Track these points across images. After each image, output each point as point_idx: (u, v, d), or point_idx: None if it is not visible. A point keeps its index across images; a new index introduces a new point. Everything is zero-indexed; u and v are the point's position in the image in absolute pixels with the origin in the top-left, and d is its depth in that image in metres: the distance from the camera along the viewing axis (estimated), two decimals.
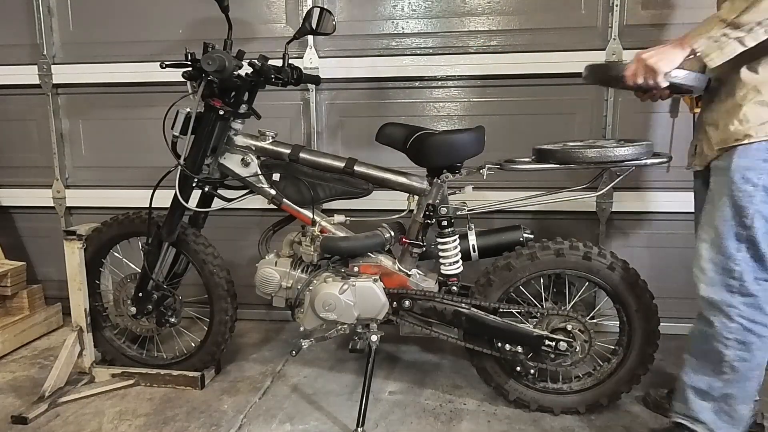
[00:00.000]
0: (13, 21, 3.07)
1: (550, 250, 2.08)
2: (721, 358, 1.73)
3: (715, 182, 1.73)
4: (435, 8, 2.81)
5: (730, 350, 1.71)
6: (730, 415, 1.77)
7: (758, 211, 1.62)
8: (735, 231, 1.67)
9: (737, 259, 1.67)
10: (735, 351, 1.71)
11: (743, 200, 1.64)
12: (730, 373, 1.73)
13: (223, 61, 2.01)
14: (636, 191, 2.74)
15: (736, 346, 1.71)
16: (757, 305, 1.68)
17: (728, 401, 1.76)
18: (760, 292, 1.68)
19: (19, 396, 2.40)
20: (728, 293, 1.70)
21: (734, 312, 1.70)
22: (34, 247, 3.32)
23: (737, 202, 1.65)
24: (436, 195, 2.16)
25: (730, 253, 1.68)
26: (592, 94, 2.75)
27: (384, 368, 2.59)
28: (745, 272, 1.67)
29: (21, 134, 3.20)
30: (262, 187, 2.26)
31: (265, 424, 2.18)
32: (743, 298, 1.69)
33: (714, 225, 1.71)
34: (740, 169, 1.64)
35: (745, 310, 1.69)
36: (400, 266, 2.22)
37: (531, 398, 2.21)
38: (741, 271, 1.68)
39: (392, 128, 2.22)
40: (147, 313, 2.42)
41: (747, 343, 1.70)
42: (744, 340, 1.70)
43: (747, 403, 1.77)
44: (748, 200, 1.63)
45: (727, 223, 1.68)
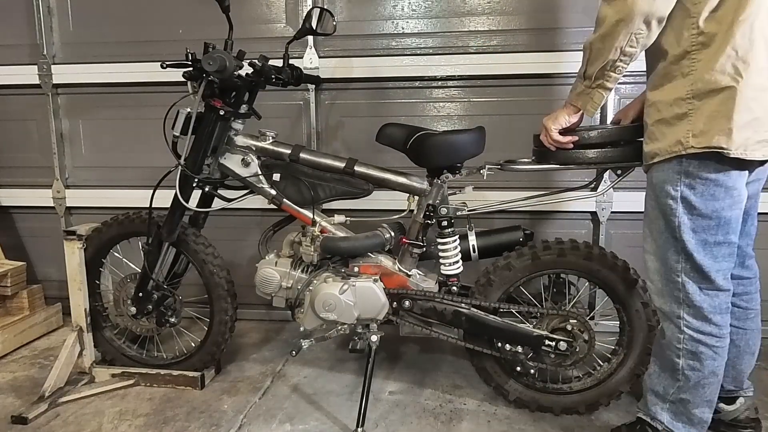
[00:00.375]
0: (13, 21, 3.07)
1: (551, 250, 2.08)
2: (675, 366, 1.75)
3: (647, 195, 1.75)
4: (435, 8, 2.81)
5: (681, 359, 1.73)
6: (689, 418, 1.79)
7: (682, 222, 1.62)
8: (671, 243, 1.67)
9: (677, 270, 1.67)
10: (686, 360, 1.72)
11: (669, 214, 1.64)
12: (683, 381, 1.74)
13: (223, 61, 2.01)
14: (636, 191, 2.73)
15: (687, 356, 1.71)
16: (703, 316, 1.68)
17: (684, 405, 1.78)
18: (705, 303, 1.67)
19: (19, 396, 2.40)
20: (676, 304, 1.70)
21: (682, 323, 1.70)
22: (34, 247, 3.32)
23: (665, 215, 1.66)
24: (436, 195, 2.16)
25: (671, 265, 1.69)
26: None
27: (384, 368, 2.59)
28: (687, 283, 1.67)
29: (21, 134, 3.20)
30: (263, 187, 2.26)
31: (265, 424, 2.18)
32: (689, 309, 1.69)
33: (654, 237, 1.73)
34: (659, 183, 1.65)
35: (692, 321, 1.69)
36: (400, 266, 2.22)
37: (531, 398, 2.21)
38: (683, 282, 1.67)
39: (392, 128, 2.22)
40: (147, 313, 2.42)
41: (697, 353, 1.70)
42: (694, 351, 1.70)
43: (704, 407, 1.77)
44: (672, 213, 1.63)
45: (663, 235, 1.69)
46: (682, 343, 1.71)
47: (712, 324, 1.68)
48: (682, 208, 1.61)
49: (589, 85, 1.68)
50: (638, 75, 2.48)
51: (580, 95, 1.72)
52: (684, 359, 1.72)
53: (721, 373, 1.74)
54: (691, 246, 1.63)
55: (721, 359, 1.72)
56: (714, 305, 1.68)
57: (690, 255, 1.64)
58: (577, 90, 1.72)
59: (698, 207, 1.60)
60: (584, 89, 1.69)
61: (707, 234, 1.61)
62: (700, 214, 1.60)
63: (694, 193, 1.59)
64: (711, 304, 1.67)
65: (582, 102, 1.72)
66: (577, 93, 1.72)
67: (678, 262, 1.67)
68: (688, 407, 1.77)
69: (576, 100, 1.73)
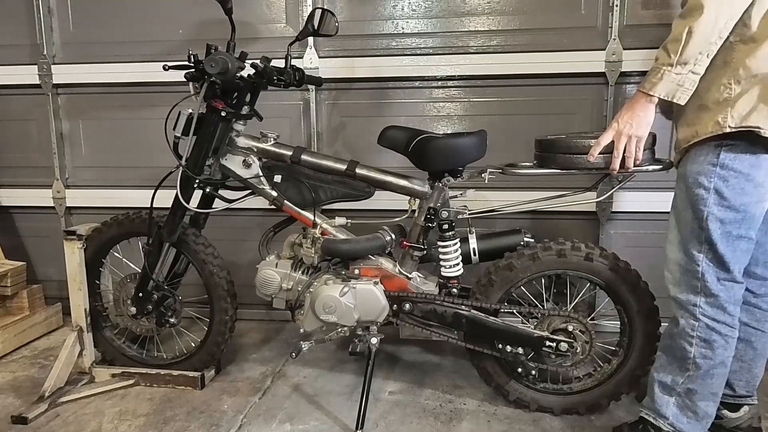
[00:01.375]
0: (13, 21, 3.06)
1: (551, 251, 2.08)
2: (686, 355, 1.79)
3: (676, 187, 1.80)
4: (435, 8, 2.81)
5: (694, 347, 1.77)
6: (694, 411, 1.81)
7: (711, 213, 1.67)
8: (695, 233, 1.72)
9: (699, 260, 1.73)
10: (698, 348, 1.76)
11: (699, 204, 1.69)
12: (693, 370, 1.79)
13: (226, 63, 2.01)
14: (636, 191, 2.74)
15: (699, 344, 1.76)
16: (719, 305, 1.73)
17: (691, 397, 1.81)
18: (723, 293, 1.73)
19: (19, 396, 2.41)
20: (692, 293, 1.76)
21: (698, 311, 1.75)
22: (34, 247, 3.31)
23: (694, 206, 1.71)
24: (438, 198, 2.16)
25: (692, 254, 1.74)
26: (592, 94, 2.75)
27: (384, 368, 2.59)
28: (706, 273, 1.73)
29: (21, 134, 3.20)
30: (264, 188, 2.26)
31: (265, 424, 2.18)
32: (706, 298, 1.74)
33: (679, 228, 1.78)
34: (692, 174, 1.70)
35: (708, 309, 1.74)
36: (400, 269, 2.22)
37: (531, 398, 2.21)
38: (702, 271, 1.73)
39: (394, 131, 2.22)
40: (147, 313, 2.42)
41: (710, 341, 1.75)
42: (707, 338, 1.75)
43: (710, 400, 1.81)
44: (702, 203, 1.68)
45: (688, 226, 1.74)
46: (696, 330, 1.76)
47: (727, 313, 1.74)
48: (713, 199, 1.67)
49: (680, 72, 1.64)
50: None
51: (667, 84, 1.66)
52: (696, 347, 1.76)
53: (728, 365, 1.78)
54: (716, 236, 1.68)
55: (731, 350, 1.77)
56: (729, 295, 1.73)
57: (713, 245, 1.69)
58: (663, 80, 1.66)
59: (729, 199, 1.66)
60: (676, 75, 1.64)
61: (732, 227, 1.68)
62: (730, 206, 1.66)
63: (726, 186, 1.65)
64: (727, 294, 1.73)
65: (669, 90, 1.66)
66: (663, 83, 1.66)
67: (700, 252, 1.72)
68: (694, 399, 1.81)
69: (662, 89, 1.67)
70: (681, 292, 1.78)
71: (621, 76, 2.68)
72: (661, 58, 1.66)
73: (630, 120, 1.76)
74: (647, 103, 1.72)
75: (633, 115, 1.75)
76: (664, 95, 1.67)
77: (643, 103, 1.73)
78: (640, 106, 1.73)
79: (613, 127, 1.80)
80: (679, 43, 1.61)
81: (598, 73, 2.70)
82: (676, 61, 1.63)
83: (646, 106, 1.73)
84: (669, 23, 2.09)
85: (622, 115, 1.78)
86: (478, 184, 2.23)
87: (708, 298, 1.74)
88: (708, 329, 1.74)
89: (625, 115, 1.77)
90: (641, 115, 1.74)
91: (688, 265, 1.76)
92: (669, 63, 1.64)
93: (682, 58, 1.61)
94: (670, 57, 1.63)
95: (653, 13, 2.63)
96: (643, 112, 1.74)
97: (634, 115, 1.75)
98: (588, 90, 2.75)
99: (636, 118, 1.75)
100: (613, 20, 2.64)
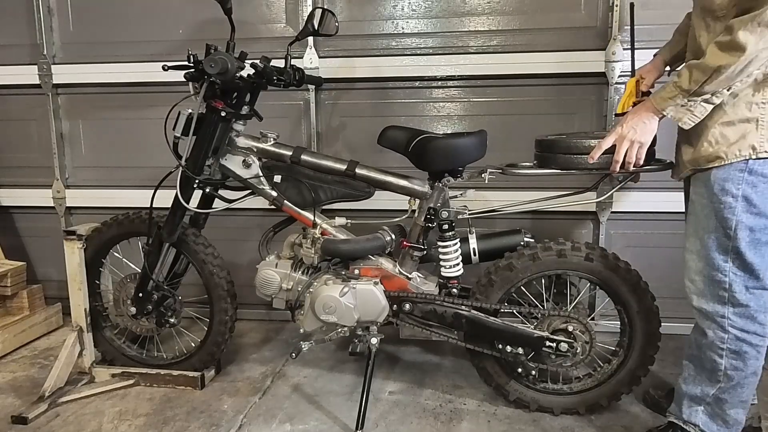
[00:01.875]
0: (13, 21, 3.06)
1: (551, 251, 2.08)
2: (716, 367, 1.75)
3: (696, 193, 1.74)
4: (435, 8, 2.81)
5: (724, 359, 1.73)
6: (724, 420, 1.80)
7: (740, 221, 1.63)
8: (720, 242, 1.67)
9: (725, 270, 1.68)
10: (729, 360, 1.73)
11: (725, 212, 1.64)
12: (724, 381, 1.76)
13: (225, 63, 2.01)
14: (636, 191, 2.74)
15: (730, 356, 1.72)
16: (749, 315, 1.69)
17: (721, 406, 1.79)
18: (752, 302, 1.68)
19: (19, 396, 2.41)
20: (719, 304, 1.71)
21: (727, 323, 1.71)
22: (34, 247, 3.32)
23: (719, 213, 1.66)
24: (438, 198, 2.16)
25: (717, 264, 1.69)
26: (593, 94, 2.75)
27: (384, 368, 2.59)
28: (734, 283, 1.68)
29: (21, 134, 3.20)
30: (264, 188, 2.26)
31: (265, 424, 2.18)
32: (735, 308, 1.70)
33: (699, 236, 1.73)
34: (719, 181, 1.65)
35: (737, 320, 1.70)
36: (400, 269, 2.22)
37: (531, 398, 2.21)
38: (730, 281, 1.68)
39: (394, 131, 2.22)
40: (147, 314, 2.42)
41: (740, 353, 1.71)
42: (737, 350, 1.71)
43: (740, 407, 1.79)
44: (730, 211, 1.63)
45: (712, 235, 1.69)
46: (726, 342, 1.72)
47: (757, 323, 1.70)
48: (742, 206, 1.62)
49: (694, 100, 1.61)
50: None
51: (678, 108, 1.64)
52: (727, 359, 1.73)
53: (759, 373, 1.75)
54: (744, 245, 1.64)
55: (762, 359, 1.73)
56: (759, 304, 1.69)
57: (741, 253, 1.65)
58: (675, 101, 1.63)
59: (758, 205, 1.62)
60: (687, 102, 1.62)
61: (761, 233, 1.63)
62: (759, 212, 1.62)
63: (755, 192, 1.61)
64: (757, 302, 1.68)
65: (676, 113, 1.65)
66: (675, 105, 1.64)
67: (726, 261, 1.67)
68: (724, 408, 1.79)
69: (670, 109, 1.66)
70: (706, 303, 1.73)
71: (621, 76, 2.67)
72: (682, 79, 1.61)
73: (634, 126, 1.74)
74: (654, 115, 1.71)
75: (638, 121, 1.74)
76: (672, 116, 1.66)
77: (650, 114, 1.72)
78: (646, 114, 1.72)
79: (617, 131, 1.78)
80: (705, 75, 1.55)
81: (598, 73, 2.70)
82: (693, 91, 1.59)
83: (652, 117, 1.72)
84: (669, 23, 2.11)
85: (627, 120, 1.76)
86: (478, 184, 2.23)
87: (736, 308, 1.69)
88: (738, 341, 1.70)
89: (631, 120, 1.75)
90: (646, 123, 1.73)
91: (713, 276, 1.70)
92: (686, 90, 1.60)
93: (701, 90, 1.58)
94: (689, 84, 1.59)
95: (653, 13, 2.63)
96: (648, 120, 1.73)
97: (639, 122, 1.74)
98: (588, 90, 2.75)
99: (641, 125, 1.74)
100: (613, 20, 2.64)
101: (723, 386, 1.76)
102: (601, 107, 2.75)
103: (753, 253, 1.64)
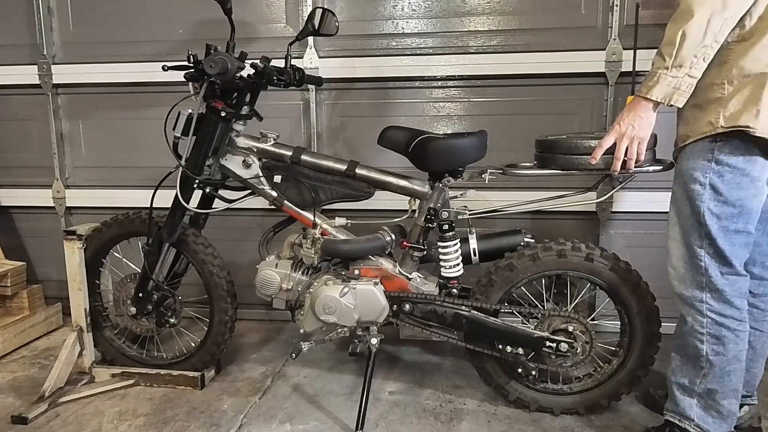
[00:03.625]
0: (13, 21, 3.06)
1: (552, 251, 2.08)
2: (698, 353, 1.79)
3: (675, 182, 1.81)
4: (435, 8, 2.80)
5: (705, 345, 1.77)
6: (718, 410, 1.81)
7: (708, 208, 1.69)
8: (695, 228, 1.73)
9: (701, 255, 1.73)
10: (710, 345, 1.76)
11: (696, 199, 1.70)
12: (707, 368, 1.78)
13: (225, 63, 2.01)
14: (636, 191, 2.74)
15: (710, 341, 1.76)
16: (726, 299, 1.73)
17: (712, 396, 1.80)
18: (727, 287, 1.73)
19: (19, 396, 2.41)
20: (698, 289, 1.76)
21: (705, 307, 1.75)
22: (34, 247, 3.32)
23: (691, 201, 1.72)
24: (438, 199, 2.16)
25: (694, 249, 1.74)
26: (593, 94, 2.75)
27: (384, 368, 2.59)
28: (709, 267, 1.73)
29: (21, 134, 3.20)
30: (264, 188, 2.26)
31: (265, 424, 2.18)
32: (711, 293, 1.74)
33: (680, 224, 1.78)
34: (688, 170, 1.72)
35: (714, 304, 1.74)
36: (400, 269, 2.22)
37: (531, 399, 2.21)
38: (705, 266, 1.73)
39: (394, 132, 2.21)
40: (147, 314, 2.42)
41: (720, 337, 1.75)
42: (717, 334, 1.75)
43: (731, 397, 1.80)
44: (699, 198, 1.69)
45: (688, 221, 1.75)
46: (705, 327, 1.76)
47: (734, 307, 1.74)
48: (708, 195, 1.68)
49: (676, 75, 1.64)
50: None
51: (664, 88, 1.66)
52: (708, 344, 1.76)
53: (743, 358, 1.78)
54: (714, 231, 1.69)
55: (743, 344, 1.76)
56: (734, 289, 1.73)
57: (713, 240, 1.70)
58: (659, 83, 1.66)
59: (724, 194, 1.67)
60: (672, 79, 1.65)
61: (729, 221, 1.68)
62: (725, 201, 1.67)
63: (722, 181, 1.66)
64: (732, 288, 1.73)
65: (666, 94, 1.67)
66: (659, 86, 1.67)
67: (701, 247, 1.73)
68: (716, 398, 1.80)
69: (659, 92, 1.67)
70: (686, 289, 1.78)
71: (621, 76, 2.67)
72: (657, 62, 1.67)
73: (632, 122, 1.75)
74: (648, 106, 1.72)
75: (635, 116, 1.75)
76: (661, 98, 1.68)
77: (643, 106, 1.73)
78: (641, 108, 1.73)
79: (615, 129, 1.79)
80: (673, 46, 1.62)
81: (598, 73, 2.70)
82: (671, 65, 1.64)
83: (647, 108, 1.73)
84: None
85: (624, 117, 1.78)
86: (479, 185, 2.23)
87: (713, 294, 1.74)
88: (716, 325, 1.74)
89: (627, 117, 1.77)
90: (643, 116, 1.74)
91: (691, 261, 1.76)
92: (665, 66, 1.65)
93: (677, 61, 1.62)
94: (665, 60, 1.64)
95: (653, 13, 2.63)
96: (644, 113, 1.73)
97: (635, 117, 1.75)
98: (588, 90, 2.75)
99: (638, 120, 1.74)
100: (613, 20, 2.64)
101: (707, 372, 1.78)
102: (601, 107, 2.75)
103: (723, 240, 1.70)
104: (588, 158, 1.88)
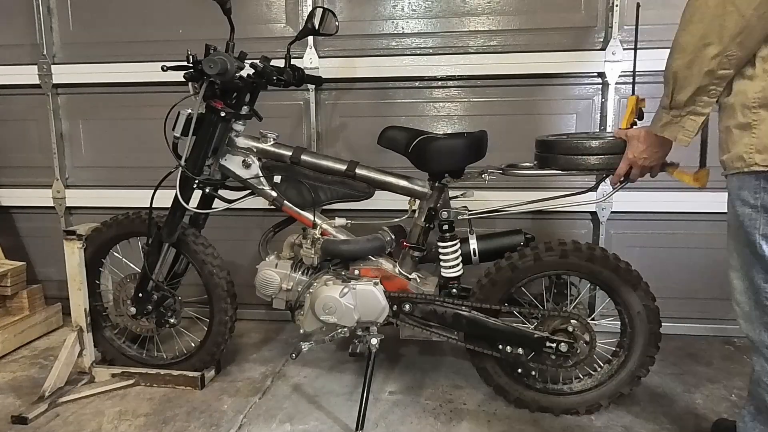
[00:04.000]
0: (13, 21, 3.07)
1: (552, 251, 2.08)
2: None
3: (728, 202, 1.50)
4: (435, 8, 2.80)
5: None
6: None
7: (764, 235, 1.36)
8: (756, 258, 1.40)
9: (766, 290, 1.40)
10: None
11: (747, 226, 1.39)
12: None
13: (224, 63, 2.01)
14: (636, 191, 2.74)
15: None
16: None
17: None
18: None
19: (19, 396, 2.40)
20: (766, 332, 1.43)
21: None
22: (34, 247, 3.32)
23: (744, 227, 1.41)
24: (438, 199, 2.16)
25: (757, 284, 1.41)
26: (593, 94, 2.75)
27: (384, 368, 2.59)
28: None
29: (21, 134, 3.20)
30: (263, 188, 2.26)
31: (265, 424, 2.18)
32: None
33: (738, 251, 1.47)
34: (734, 189, 1.42)
35: None
36: (400, 269, 2.22)
37: (531, 399, 2.21)
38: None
39: (394, 132, 2.21)
40: (147, 314, 2.42)
41: None
42: None
43: None
44: (751, 225, 1.38)
45: (746, 250, 1.42)
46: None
47: None
48: (764, 220, 1.36)
49: (678, 114, 1.47)
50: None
51: (667, 126, 1.51)
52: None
53: None
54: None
55: None
56: None
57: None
58: (662, 121, 1.52)
59: None
60: (671, 119, 1.49)
61: None
62: None
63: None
64: None
65: (670, 132, 1.51)
66: (662, 124, 1.52)
67: (765, 282, 1.40)
68: None
69: (662, 131, 1.53)
70: (753, 330, 1.46)
71: (621, 76, 2.67)
72: (663, 97, 1.52)
73: (644, 154, 1.73)
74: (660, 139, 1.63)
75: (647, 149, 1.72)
76: (669, 137, 1.53)
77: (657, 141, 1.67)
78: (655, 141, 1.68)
79: (628, 157, 1.77)
80: (669, 86, 1.47)
81: (598, 73, 2.70)
82: (669, 105, 1.49)
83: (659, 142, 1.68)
84: (669, 23, 2.11)
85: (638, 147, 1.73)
86: (479, 185, 2.23)
87: None
88: None
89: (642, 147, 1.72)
90: (657, 150, 1.71)
91: (756, 297, 1.43)
92: (665, 105, 1.50)
93: (675, 101, 1.46)
94: (664, 99, 1.50)
95: (653, 13, 2.63)
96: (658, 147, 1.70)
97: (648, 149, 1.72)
98: (588, 90, 2.75)
99: (650, 151, 1.72)
100: (613, 20, 2.64)
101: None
102: (601, 107, 2.75)
103: None
104: (588, 158, 1.88)
